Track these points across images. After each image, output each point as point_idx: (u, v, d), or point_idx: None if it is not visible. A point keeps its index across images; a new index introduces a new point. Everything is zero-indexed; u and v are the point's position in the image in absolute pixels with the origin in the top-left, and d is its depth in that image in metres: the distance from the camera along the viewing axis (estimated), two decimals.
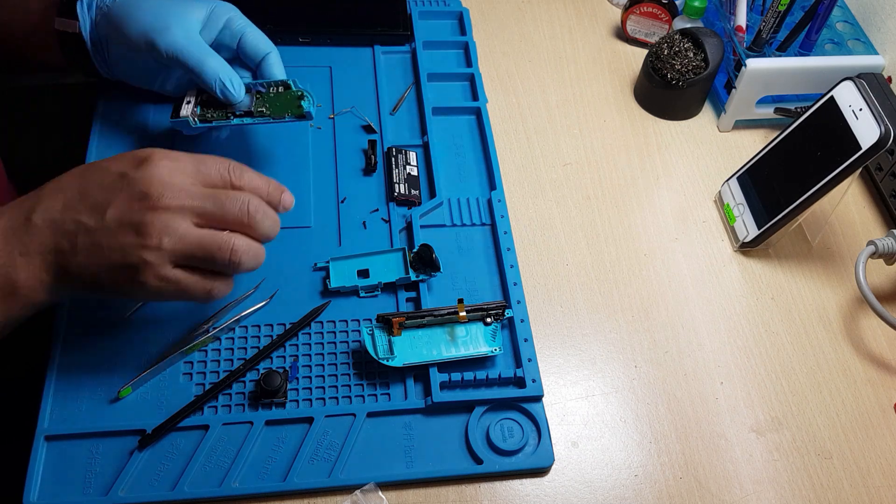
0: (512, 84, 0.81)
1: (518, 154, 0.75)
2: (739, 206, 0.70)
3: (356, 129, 0.73)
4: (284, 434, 0.56)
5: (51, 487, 0.53)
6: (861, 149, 0.61)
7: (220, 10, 0.65)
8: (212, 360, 0.58)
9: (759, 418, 0.60)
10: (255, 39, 0.66)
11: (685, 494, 0.56)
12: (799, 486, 0.57)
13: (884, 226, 0.73)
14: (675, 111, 0.79)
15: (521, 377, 0.58)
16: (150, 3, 0.63)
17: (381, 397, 0.58)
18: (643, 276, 0.68)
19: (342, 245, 0.65)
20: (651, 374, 0.62)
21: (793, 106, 0.77)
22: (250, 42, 0.65)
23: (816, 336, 0.65)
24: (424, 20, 0.82)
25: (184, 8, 0.63)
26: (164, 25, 0.61)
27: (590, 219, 0.71)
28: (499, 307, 0.60)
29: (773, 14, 0.74)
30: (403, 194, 0.68)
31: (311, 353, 0.59)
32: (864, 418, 0.61)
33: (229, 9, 0.66)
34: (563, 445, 0.58)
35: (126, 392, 0.56)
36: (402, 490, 0.55)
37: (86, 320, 0.59)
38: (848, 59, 0.75)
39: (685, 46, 0.77)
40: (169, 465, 0.54)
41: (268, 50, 0.66)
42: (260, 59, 0.66)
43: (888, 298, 0.68)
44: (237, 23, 0.65)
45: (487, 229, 0.68)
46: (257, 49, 0.66)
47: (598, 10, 0.89)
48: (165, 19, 0.62)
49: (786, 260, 0.70)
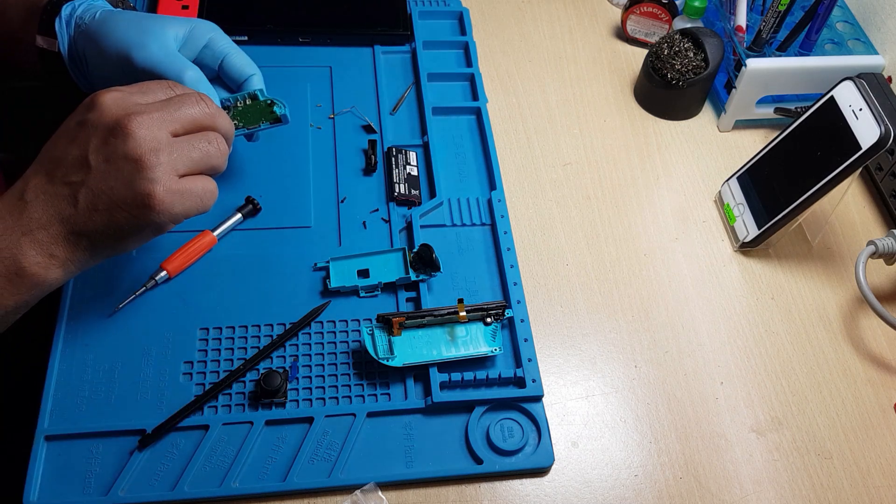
0: (512, 84, 0.81)
1: (518, 154, 0.75)
2: (739, 206, 0.70)
3: (356, 129, 0.73)
4: (284, 434, 0.56)
5: (51, 487, 0.53)
6: (861, 149, 0.61)
7: (200, 29, 0.64)
8: (212, 360, 0.58)
9: (759, 418, 0.60)
10: (238, 61, 0.64)
11: (685, 494, 0.56)
12: (799, 486, 0.57)
13: (884, 226, 0.73)
14: (675, 111, 0.79)
15: (521, 377, 0.59)
16: (128, 20, 0.62)
17: (381, 397, 0.58)
18: (643, 276, 0.68)
19: (342, 245, 0.65)
20: (651, 374, 0.62)
21: (793, 106, 0.77)
22: (233, 64, 0.64)
23: (816, 336, 0.65)
24: (424, 20, 0.82)
25: (162, 25, 0.62)
26: (141, 41, 0.61)
27: (590, 219, 0.71)
28: (499, 307, 0.60)
29: (773, 14, 0.74)
30: (403, 194, 0.68)
31: (311, 353, 0.59)
32: (864, 418, 0.61)
33: (211, 28, 0.64)
34: (563, 445, 0.58)
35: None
36: (402, 490, 0.55)
37: (86, 320, 0.59)
38: (848, 59, 0.75)
39: (685, 46, 0.77)
40: (169, 465, 0.54)
41: (251, 72, 0.65)
42: (242, 80, 0.65)
43: (888, 298, 0.68)
44: (219, 44, 0.64)
45: (487, 229, 0.68)
46: (241, 71, 0.64)
47: (598, 10, 0.89)
48: (143, 35, 0.61)
49: (786, 260, 0.70)
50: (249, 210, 0.66)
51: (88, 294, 0.61)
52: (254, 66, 0.65)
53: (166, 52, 0.61)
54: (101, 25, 0.62)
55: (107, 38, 0.61)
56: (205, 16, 0.76)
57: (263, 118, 0.64)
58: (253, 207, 0.66)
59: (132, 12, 0.63)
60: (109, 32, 0.61)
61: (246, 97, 0.66)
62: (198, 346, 0.59)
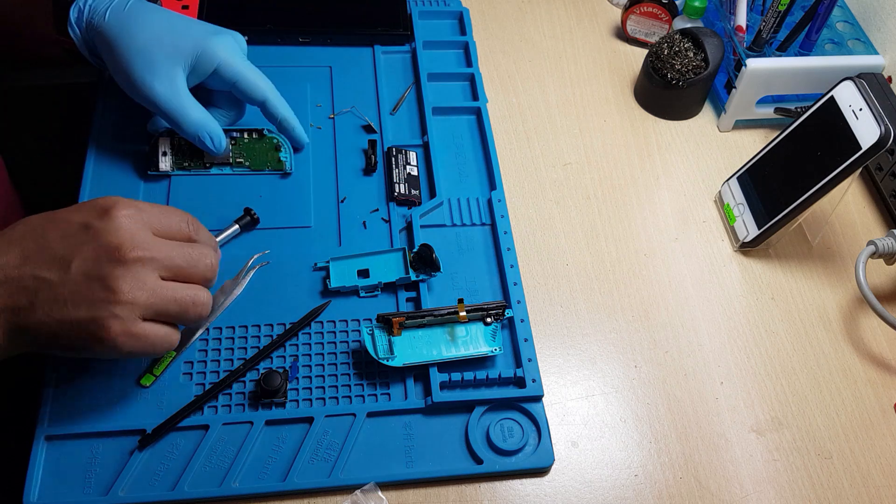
0: (512, 84, 0.81)
1: (518, 154, 0.75)
2: (739, 205, 0.70)
3: (356, 129, 0.73)
4: (284, 434, 0.56)
5: (51, 487, 0.53)
6: (861, 149, 0.61)
7: (208, 55, 0.63)
8: (212, 360, 0.58)
9: (759, 418, 0.60)
10: (249, 86, 0.65)
11: (685, 494, 0.56)
12: (799, 486, 0.57)
13: (884, 226, 0.73)
14: (675, 111, 0.79)
15: (521, 377, 0.59)
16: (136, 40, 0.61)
17: (381, 397, 0.58)
18: (643, 276, 0.68)
19: (342, 245, 0.65)
20: (651, 374, 0.62)
21: (793, 106, 0.77)
22: (244, 89, 0.65)
23: (816, 336, 0.65)
24: (424, 20, 0.82)
25: (170, 52, 0.61)
26: (147, 75, 0.60)
27: (590, 219, 0.71)
28: (499, 307, 0.60)
29: (773, 14, 0.74)
30: (403, 194, 0.68)
31: (311, 353, 0.59)
32: (864, 418, 0.61)
33: (221, 50, 0.63)
34: (563, 445, 0.58)
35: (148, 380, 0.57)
36: (402, 490, 0.55)
37: None
38: (848, 59, 0.75)
39: (685, 46, 0.77)
40: (169, 465, 0.54)
41: (264, 96, 0.65)
42: (258, 102, 0.66)
43: (888, 298, 0.68)
44: (227, 71, 0.64)
45: (487, 229, 0.68)
46: (252, 95, 0.65)
47: (598, 10, 0.89)
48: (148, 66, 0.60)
49: (786, 260, 0.70)
50: (248, 222, 0.65)
51: None
52: (266, 87, 0.66)
53: (172, 92, 0.62)
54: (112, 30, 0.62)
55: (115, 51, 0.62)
56: (204, 16, 0.76)
57: (269, 164, 0.68)
58: (251, 219, 0.65)
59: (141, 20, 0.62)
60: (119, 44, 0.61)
61: (253, 131, 0.68)
62: (198, 346, 0.59)
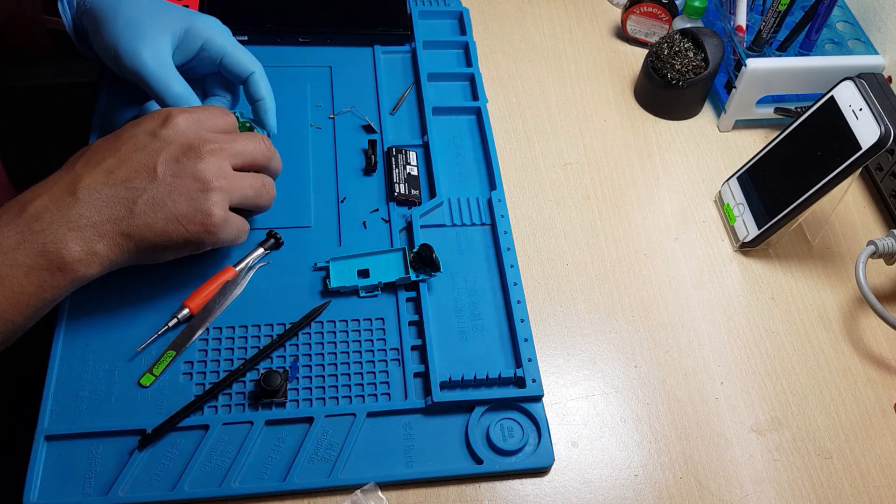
0: (512, 84, 0.81)
1: (518, 154, 0.75)
2: (739, 205, 0.70)
3: (356, 129, 0.73)
4: (284, 434, 0.56)
5: (51, 487, 0.53)
6: (861, 149, 0.61)
7: (195, 31, 0.63)
8: (212, 359, 0.58)
9: (759, 418, 0.60)
10: (236, 61, 0.64)
11: (685, 494, 0.56)
12: (799, 486, 0.57)
13: (884, 226, 0.73)
14: (675, 111, 0.79)
15: (521, 377, 0.59)
16: (125, 11, 0.61)
17: (381, 397, 0.58)
18: (643, 276, 0.68)
19: (342, 245, 0.65)
20: (651, 374, 0.62)
21: (793, 106, 0.77)
22: (231, 64, 0.64)
23: (816, 336, 0.65)
24: (424, 20, 0.82)
25: (158, 24, 0.61)
26: (134, 47, 0.60)
27: (590, 219, 0.71)
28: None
29: (773, 14, 0.74)
30: (403, 194, 0.68)
31: (311, 353, 0.59)
32: (864, 418, 0.61)
33: (208, 28, 0.64)
34: (563, 445, 0.58)
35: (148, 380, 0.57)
36: (402, 490, 0.55)
37: (86, 320, 0.59)
38: (848, 59, 0.75)
39: (685, 46, 0.77)
40: (169, 465, 0.54)
41: (251, 70, 0.65)
42: (244, 78, 0.65)
43: (888, 298, 0.68)
44: (214, 46, 0.64)
45: (487, 229, 0.68)
46: (239, 70, 0.64)
47: (598, 10, 0.89)
48: (136, 41, 0.60)
49: (786, 260, 0.70)
50: (272, 245, 0.64)
51: (89, 294, 0.60)
52: (253, 63, 0.65)
53: (157, 62, 0.61)
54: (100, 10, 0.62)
55: (102, 27, 0.61)
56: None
57: None
58: (275, 242, 0.64)
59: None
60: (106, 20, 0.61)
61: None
62: (198, 346, 0.59)
